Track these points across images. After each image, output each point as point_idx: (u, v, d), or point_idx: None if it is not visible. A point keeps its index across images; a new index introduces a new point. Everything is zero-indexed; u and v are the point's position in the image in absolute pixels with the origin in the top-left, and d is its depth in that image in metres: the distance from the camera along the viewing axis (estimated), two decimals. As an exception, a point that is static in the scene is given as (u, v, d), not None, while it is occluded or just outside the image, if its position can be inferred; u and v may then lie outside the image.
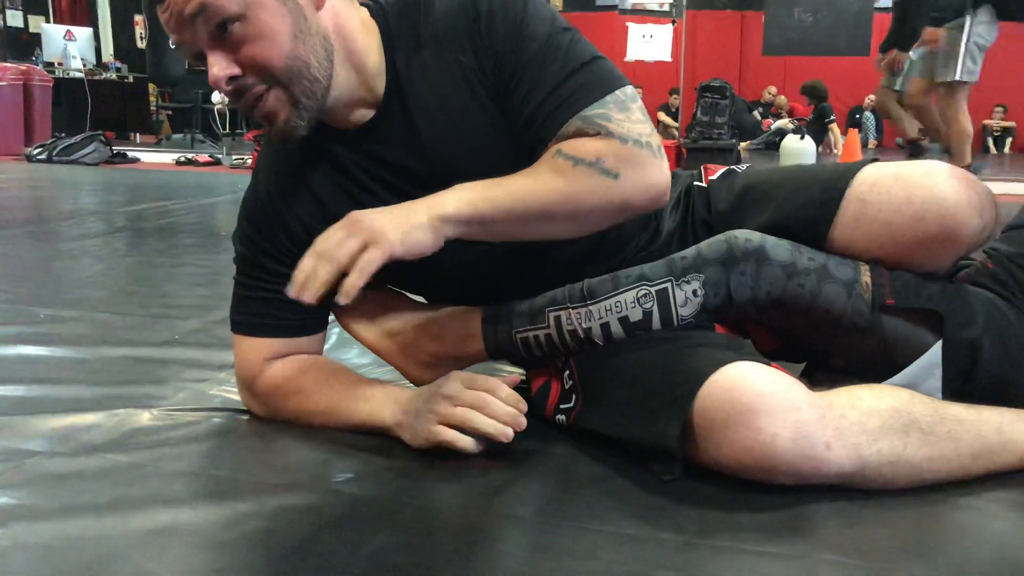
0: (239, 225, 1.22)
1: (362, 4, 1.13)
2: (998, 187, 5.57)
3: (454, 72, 1.08)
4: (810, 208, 1.11)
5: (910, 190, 1.04)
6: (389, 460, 1.06)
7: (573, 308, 1.12)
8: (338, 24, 1.07)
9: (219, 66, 1.00)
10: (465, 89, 1.08)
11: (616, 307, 1.10)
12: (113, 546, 0.86)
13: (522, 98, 1.05)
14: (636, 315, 1.09)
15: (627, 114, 1.04)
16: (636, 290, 1.09)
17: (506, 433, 1.02)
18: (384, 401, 1.12)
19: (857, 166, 1.11)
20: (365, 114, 1.12)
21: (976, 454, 0.99)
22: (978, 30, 4.61)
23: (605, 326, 1.10)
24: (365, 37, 1.09)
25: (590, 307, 1.11)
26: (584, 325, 1.11)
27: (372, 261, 0.96)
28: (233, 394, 1.29)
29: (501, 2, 1.06)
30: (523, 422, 1.04)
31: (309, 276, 0.98)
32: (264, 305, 1.19)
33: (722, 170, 1.28)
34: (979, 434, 0.99)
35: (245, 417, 1.23)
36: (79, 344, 1.59)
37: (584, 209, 1.03)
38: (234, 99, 1.04)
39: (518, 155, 1.08)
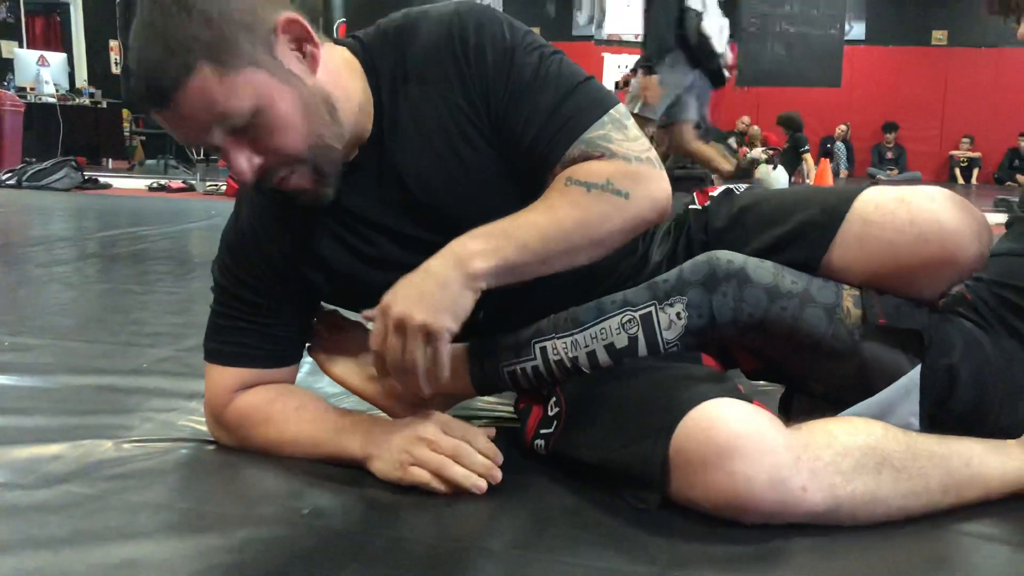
0: (220, 257, 1.20)
1: (338, 42, 1.11)
2: (966, 217, 5.65)
3: (440, 108, 1.07)
4: (811, 228, 1.11)
5: (914, 212, 1.04)
6: (359, 491, 1.05)
7: (559, 338, 1.11)
8: (331, 77, 1.04)
9: (243, 161, 0.99)
10: (451, 124, 1.07)
11: (601, 334, 1.09)
12: (73, 582, 0.84)
13: (521, 127, 1.05)
14: (622, 341, 1.09)
15: (625, 133, 1.06)
16: (620, 316, 1.09)
17: (479, 486, 1.02)
18: (353, 432, 1.10)
19: (859, 188, 1.12)
20: (350, 152, 1.10)
21: (946, 489, 0.99)
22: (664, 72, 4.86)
23: (591, 354, 1.10)
24: (351, 80, 1.08)
25: (575, 336, 1.10)
26: (570, 354, 1.11)
27: (442, 352, 0.98)
28: (201, 424, 1.27)
29: (488, 34, 1.05)
30: (497, 475, 1.03)
31: (410, 394, 1.01)
32: (240, 335, 1.18)
33: (720, 189, 1.27)
34: (949, 469, 1.00)
35: (213, 448, 1.21)
36: (43, 372, 1.56)
37: (602, 233, 1.04)
38: (260, 181, 1.03)
39: (505, 186, 1.08)
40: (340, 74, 1.06)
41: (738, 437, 0.91)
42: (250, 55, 0.96)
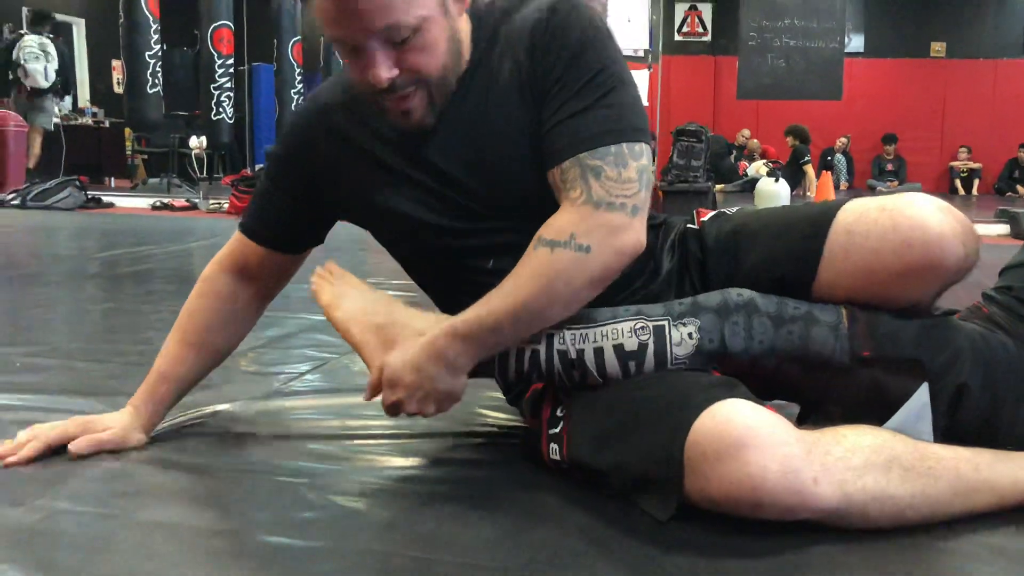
0: (284, 129, 1.31)
1: None
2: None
3: (512, 70, 1.14)
4: (799, 243, 1.14)
5: (896, 219, 1.06)
6: (374, 509, 1.05)
7: (568, 329, 1.12)
8: (462, 23, 1.14)
9: (385, 67, 1.06)
10: (515, 87, 1.13)
11: (612, 334, 1.11)
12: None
13: (553, 111, 1.11)
14: (631, 344, 1.10)
15: (619, 171, 1.08)
16: (634, 322, 1.11)
17: None
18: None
19: (842, 201, 1.14)
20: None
21: (956, 491, 1.00)
22: None
23: (599, 351, 1.11)
24: (467, 31, 1.17)
25: (586, 330, 1.11)
26: (577, 346, 1.11)
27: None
28: (213, 443, 1.27)
29: (572, 23, 1.11)
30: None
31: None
32: (268, 213, 1.30)
33: (713, 212, 1.31)
34: (958, 472, 1.01)
35: (225, 465, 1.21)
36: (56, 392, 1.57)
37: (568, 295, 1.08)
38: (378, 93, 1.09)
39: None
40: (464, 22, 1.16)
41: (751, 430, 0.93)
42: None
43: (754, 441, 0.93)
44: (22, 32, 8.13)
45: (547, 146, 1.11)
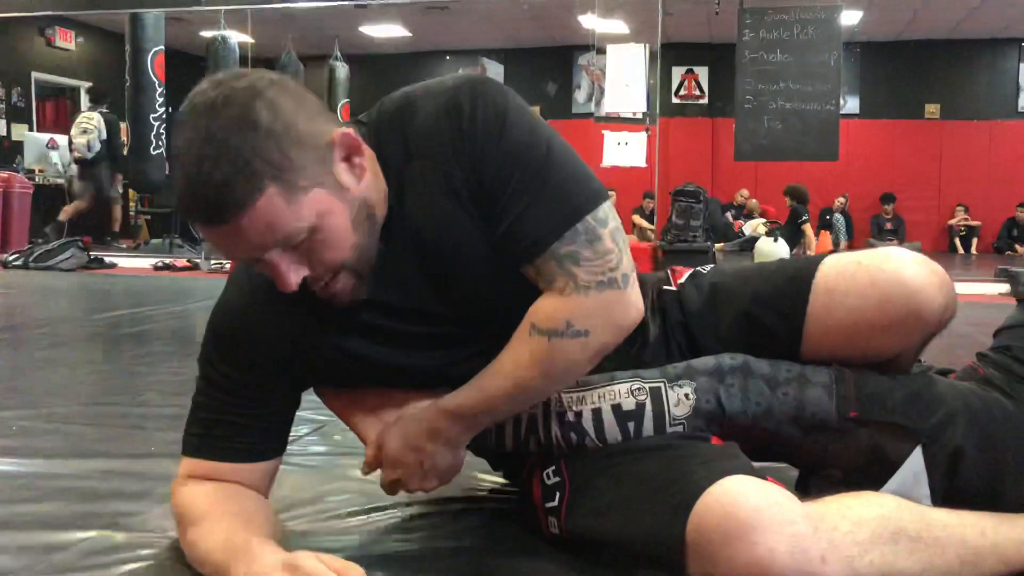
0: (207, 341, 1.14)
1: (345, 125, 1.06)
2: (967, 287, 5.67)
3: (440, 181, 1.03)
4: (781, 300, 1.14)
5: (873, 274, 1.08)
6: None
7: (565, 392, 1.11)
8: (366, 178, 1.01)
9: (292, 272, 0.97)
10: (451, 196, 1.03)
11: (609, 395, 1.10)
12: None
13: (499, 212, 1.02)
14: (629, 404, 1.09)
15: (595, 247, 1.01)
16: (630, 383, 1.11)
17: None
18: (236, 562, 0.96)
19: (818, 258, 1.16)
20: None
21: (963, 560, 0.98)
22: None
23: (596, 412, 1.10)
24: (374, 172, 1.03)
25: (583, 392, 1.11)
26: (575, 408, 1.10)
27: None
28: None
29: (483, 102, 1.01)
30: None
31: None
32: (221, 427, 1.12)
33: (688, 272, 1.29)
34: (964, 538, 0.99)
35: (223, 533, 1.19)
36: (52, 456, 1.56)
37: (568, 375, 1.07)
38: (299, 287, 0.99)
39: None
40: (370, 173, 1.03)
41: (758, 510, 0.91)
42: (314, 175, 0.95)
43: (761, 522, 0.91)
44: (83, 109, 8.60)
45: (511, 246, 1.02)
